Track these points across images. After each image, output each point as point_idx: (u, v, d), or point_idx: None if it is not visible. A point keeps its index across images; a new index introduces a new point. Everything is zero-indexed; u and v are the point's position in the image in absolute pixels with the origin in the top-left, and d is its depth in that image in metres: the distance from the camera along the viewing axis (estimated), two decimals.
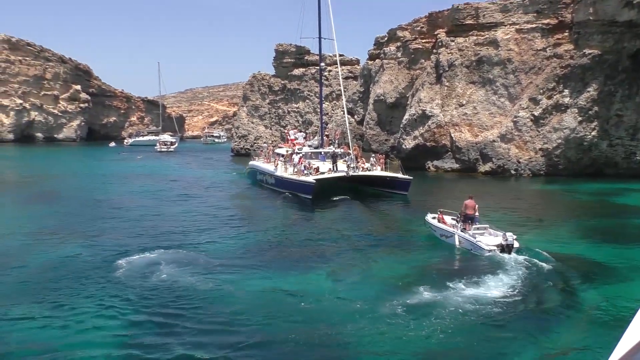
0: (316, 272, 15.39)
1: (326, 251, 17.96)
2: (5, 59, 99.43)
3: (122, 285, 13.66)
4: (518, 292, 13.33)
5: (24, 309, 12.07)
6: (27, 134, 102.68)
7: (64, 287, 13.56)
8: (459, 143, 44.66)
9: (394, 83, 51.47)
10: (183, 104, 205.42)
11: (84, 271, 14.96)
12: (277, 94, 66.20)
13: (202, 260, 16.38)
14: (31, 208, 26.62)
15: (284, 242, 19.46)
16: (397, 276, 15.09)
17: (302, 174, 30.99)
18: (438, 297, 12.85)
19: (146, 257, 16.39)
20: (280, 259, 16.85)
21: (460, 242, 18.33)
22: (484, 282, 14.16)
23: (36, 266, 15.59)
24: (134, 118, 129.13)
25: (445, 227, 19.12)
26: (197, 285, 13.76)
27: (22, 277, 14.51)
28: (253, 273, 15.15)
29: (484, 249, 17.51)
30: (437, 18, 49.29)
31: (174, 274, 14.66)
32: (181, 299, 12.77)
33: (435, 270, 15.88)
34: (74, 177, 42.62)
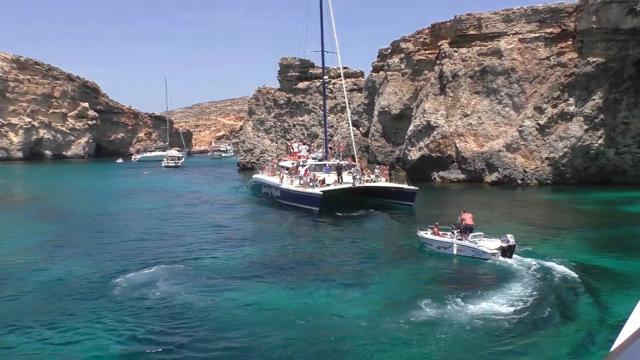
0: (318, 287, 15.22)
1: (328, 266, 17.82)
2: (14, 78, 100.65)
3: (121, 303, 13.59)
4: (523, 305, 13.09)
5: (24, 328, 12.03)
6: (36, 151, 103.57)
7: (65, 306, 13.52)
8: (464, 153, 44.45)
9: (398, 94, 51.48)
10: (190, 119, 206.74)
11: (85, 289, 14.92)
12: (282, 107, 66.41)
13: (204, 276, 16.29)
14: (36, 225, 26.69)
15: (288, 256, 19.33)
16: (401, 291, 14.93)
17: (308, 186, 31.04)
18: (442, 312, 12.65)
19: (147, 273, 16.34)
20: (282, 274, 16.70)
21: (460, 250, 18.61)
22: (489, 295, 13.94)
23: (38, 283, 15.59)
24: (142, 134, 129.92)
25: (442, 238, 19.45)
26: (196, 301, 13.66)
27: (23, 295, 14.48)
28: (254, 289, 15.02)
29: (487, 253, 17.83)
30: (440, 29, 49.37)
31: (174, 290, 14.57)
32: (180, 316, 12.67)
33: (440, 283, 15.70)
34: (80, 194, 42.83)
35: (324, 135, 40.56)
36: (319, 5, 38.40)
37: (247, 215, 30.76)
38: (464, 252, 18.54)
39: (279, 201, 33.68)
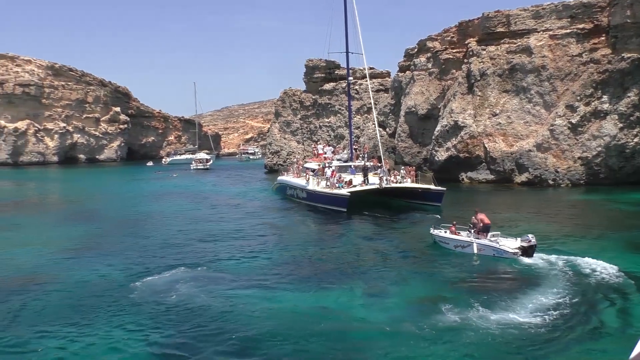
0: (340, 290, 14.99)
1: (352, 268, 17.59)
2: (49, 84, 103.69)
3: (142, 305, 13.66)
4: (550, 311, 12.62)
5: (47, 328, 12.21)
6: (70, 155, 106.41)
7: (86, 307, 13.66)
8: (493, 153, 43.56)
9: (425, 94, 50.85)
10: (219, 122, 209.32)
11: (108, 290, 15.07)
12: (308, 109, 66.46)
13: (227, 278, 16.29)
14: (66, 228, 27.27)
15: (311, 259, 19.16)
16: (423, 295, 14.59)
17: (335, 187, 30.99)
18: (465, 318, 12.24)
19: (170, 276, 16.44)
20: (305, 277, 16.55)
21: (480, 249, 18.45)
22: (513, 300, 13.47)
23: (63, 284, 15.83)
24: (172, 137, 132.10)
25: (460, 237, 19.35)
26: (216, 304, 13.63)
27: (49, 296, 14.72)
28: (275, 292, 14.90)
29: (509, 252, 17.60)
30: (467, 27, 48.58)
31: (195, 293, 14.59)
32: (199, 318, 12.67)
33: (463, 286, 15.27)
34: (110, 196, 43.68)
35: (349, 137, 40.26)
36: (344, 6, 38.21)
37: (273, 217, 30.74)
38: (484, 251, 18.34)
39: (305, 202, 33.69)
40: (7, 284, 16.09)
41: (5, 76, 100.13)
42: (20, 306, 13.95)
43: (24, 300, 14.38)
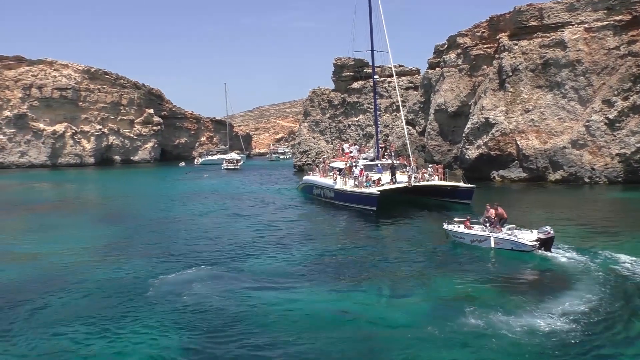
0: (363, 291, 14.68)
1: (376, 268, 17.31)
2: (85, 88, 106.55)
3: (165, 304, 13.73)
4: (579, 311, 12.05)
5: (65, 326, 12.37)
6: (106, 157, 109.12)
7: (108, 306, 13.80)
8: (526, 151, 42.35)
9: (455, 91, 49.89)
10: (250, 122, 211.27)
11: (132, 289, 15.19)
12: (337, 108, 66.18)
13: (251, 277, 16.24)
14: (96, 227, 27.82)
15: (336, 259, 18.89)
16: (449, 294, 14.14)
17: (363, 186, 30.72)
18: (490, 320, 11.79)
19: (193, 275, 16.53)
20: (329, 276, 16.30)
21: (498, 243, 18.45)
22: (538, 302, 12.92)
23: (88, 283, 16.04)
24: (204, 138, 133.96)
25: (477, 232, 19.40)
26: (238, 304, 13.59)
27: (72, 295, 14.93)
28: (299, 292, 14.73)
29: (527, 245, 17.51)
30: (498, 22, 47.40)
31: (218, 292, 14.63)
32: (220, 318, 12.64)
33: (491, 286, 14.79)
34: (141, 197, 44.45)
35: (375, 135, 39.82)
36: (368, 4, 37.77)
37: (300, 217, 30.63)
38: (502, 244, 18.28)
39: (333, 202, 33.54)
40: (33, 282, 16.43)
41: (44, 80, 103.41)
42: (43, 304, 14.19)
43: (47, 298, 14.63)
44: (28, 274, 17.72)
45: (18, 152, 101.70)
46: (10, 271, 18.26)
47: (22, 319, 13.12)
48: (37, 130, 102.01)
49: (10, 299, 14.77)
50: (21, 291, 15.56)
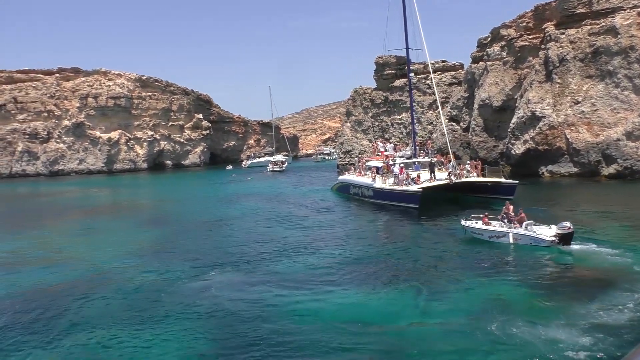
0: (398, 294, 14.44)
1: (411, 267, 17.09)
2: (137, 96, 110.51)
3: (196, 306, 13.98)
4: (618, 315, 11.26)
5: (109, 330, 12.79)
6: (158, 162, 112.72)
7: (145, 308, 14.20)
8: (576, 144, 40.36)
9: (500, 85, 48.23)
10: (298, 124, 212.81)
11: (164, 291, 15.56)
12: (379, 106, 65.48)
13: (284, 279, 16.34)
14: (141, 230, 28.72)
15: (373, 258, 18.78)
16: (495, 297, 13.59)
17: (404, 184, 30.39)
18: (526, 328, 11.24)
19: (227, 277, 16.95)
20: (366, 276, 16.19)
21: (516, 238, 18.72)
22: (574, 313, 12.18)
23: (123, 285, 16.56)
24: (251, 141, 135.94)
25: (495, 228, 19.65)
26: (273, 305, 13.74)
27: (106, 296, 15.41)
28: (331, 293, 14.63)
29: (546, 240, 17.75)
30: (544, 11, 45.46)
31: (252, 293, 14.88)
32: (252, 320, 12.78)
33: (523, 291, 14.10)
34: (185, 200, 45.57)
35: (412, 133, 39.08)
36: (402, 0, 37.05)
37: (340, 217, 30.45)
38: (521, 240, 18.51)
39: (372, 201, 33.35)
40: (74, 283, 17.08)
41: (99, 90, 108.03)
42: (80, 304, 14.76)
43: (85, 299, 15.22)
44: (69, 275, 18.49)
45: (77, 160, 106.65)
46: (52, 272, 19.13)
47: (59, 319, 13.70)
48: (93, 138, 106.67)
49: (50, 299, 15.44)
50: (61, 291, 16.28)
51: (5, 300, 15.91)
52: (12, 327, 13.37)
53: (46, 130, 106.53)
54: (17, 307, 15.05)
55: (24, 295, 16.30)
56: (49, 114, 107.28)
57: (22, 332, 12.92)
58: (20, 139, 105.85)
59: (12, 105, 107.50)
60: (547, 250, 17.85)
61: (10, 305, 15.22)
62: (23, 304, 15.30)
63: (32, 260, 22.24)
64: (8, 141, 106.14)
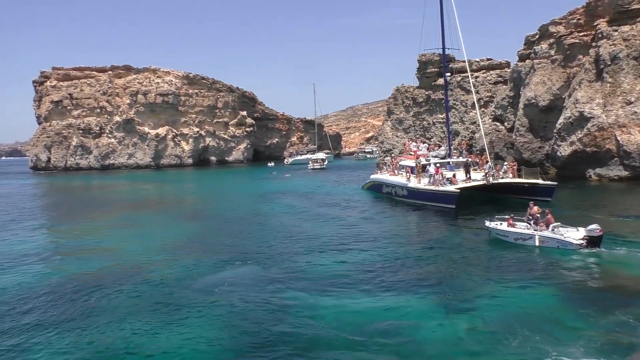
0: (424, 298, 14.05)
1: (445, 272, 16.53)
2: (185, 93, 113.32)
3: (221, 303, 14.15)
4: None
5: (129, 320, 13.13)
6: (203, 158, 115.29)
7: (168, 302, 14.46)
8: (627, 147, 38.40)
9: (547, 84, 46.50)
10: (342, 122, 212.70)
11: (188, 287, 15.82)
12: (421, 105, 64.48)
13: (305, 278, 16.28)
14: (177, 225, 29.37)
15: (405, 261, 18.27)
16: (518, 305, 13.07)
17: (439, 184, 29.99)
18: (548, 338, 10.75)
19: (252, 275, 17.04)
20: (397, 281, 15.74)
21: (543, 241, 18.35)
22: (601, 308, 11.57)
23: (155, 278, 16.96)
24: (294, 138, 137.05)
25: (521, 230, 19.25)
26: (293, 305, 13.68)
27: (140, 288, 15.83)
28: (354, 297, 14.36)
29: (574, 243, 17.39)
30: (596, 7, 43.48)
31: (275, 292, 14.88)
32: (272, 320, 12.76)
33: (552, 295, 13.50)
34: (223, 196, 46.35)
35: (447, 132, 38.28)
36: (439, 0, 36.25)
37: (373, 216, 30.07)
38: (548, 243, 18.16)
39: (406, 200, 32.96)
40: (103, 275, 17.65)
41: (149, 87, 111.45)
42: (106, 296, 15.20)
43: (109, 290, 15.68)
44: (100, 266, 19.10)
45: (126, 154, 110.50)
46: (85, 262, 19.86)
47: (81, 308, 14.20)
48: (142, 134, 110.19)
49: (77, 288, 16.03)
50: (89, 281, 16.85)
51: (33, 287, 16.60)
52: (34, 314, 13.95)
53: (99, 125, 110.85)
54: (43, 295, 15.68)
55: (51, 284, 16.97)
56: (102, 110, 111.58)
57: (44, 320, 13.45)
58: (75, 133, 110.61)
59: (68, 102, 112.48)
60: (575, 253, 17.30)
61: (36, 293, 15.89)
62: (49, 293, 15.93)
63: (69, 250, 23.15)
64: (64, 136, 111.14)
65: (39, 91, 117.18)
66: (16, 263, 20.64)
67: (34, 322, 13.38)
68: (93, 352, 11.37)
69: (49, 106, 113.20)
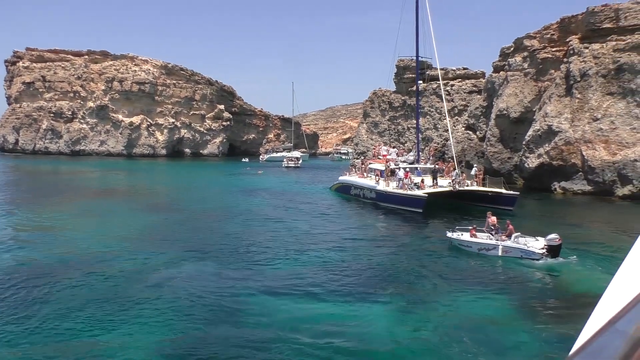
0: (379, 304, 13.94)
1: (404, 278, 16.49)
2: (162, 83, 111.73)
3: (177, 299, 13.89)
4: None
5: (80, 311, 12.79)
6: (177, 149, 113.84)
7: (121, 295, 14.14)
8: (591, 162, 39.33)
9: (519, 96, 47.33)
10: (320, 122, 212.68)
11: (148, 281, 15.53)
12: (397, 110, 64.97)
13: (263, 277, 16.13)
14: (140, 216, 28.93)
15: (373, 264, 18.23)
16: (475, 314, 13.17)
17: (407, 188, 30.35)
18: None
19: (211, 270, 16.79)
20: (354, 285, 15.56)
21: (506, 251, 18.62)
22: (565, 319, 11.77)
23: (108, 270, 16.58)
24: (271, 135, 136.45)
25: (484, 240, 19.49)
26: (246, 305, 13.47)
27: (85, 282, 15.46)
28: (310, 299, 14.26)
29: (537, 253, 17.66)
30: (569, 23, 44.43)
31: (236, 291, 14.66)
32: (224, 318, 12.59)
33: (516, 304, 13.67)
34: (192, 189, 45.97)
35: (417, 139, 38.73)
36: (415, 8, 36.60)
37: (339, 218, 30.18)
38: (511, 253, 18.38)
39: (373, 203, 33.36)
40: (56, 264, 17.23)
41: (125, 74, 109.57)
42: (56, 286, 14.83)
43: (62, 281, 15.28)
44: (53, 254, 18.64)
45: (98, 141, 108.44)
46: (37, 251, 19.35)
47: (27, 298, 13.77)
48: (116, 121, 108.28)
49: (25, 278, 15.56)
50: (42, 271, 16.38)
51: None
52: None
53: (71, 110, 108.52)
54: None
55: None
56: (75, 95, 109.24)
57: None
58: (46, 117, 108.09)
59: (40, 84, 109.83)
60: (535, 263, 17.68)
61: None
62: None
63: (23, 236, 22.58)
64: (34, 118, 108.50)
65: (11, 71, 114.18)
66: None
67: None
68: (28, 343, 11.04)
69: (20, 87, 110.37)
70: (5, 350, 10.66)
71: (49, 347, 10.82)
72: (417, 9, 36.63)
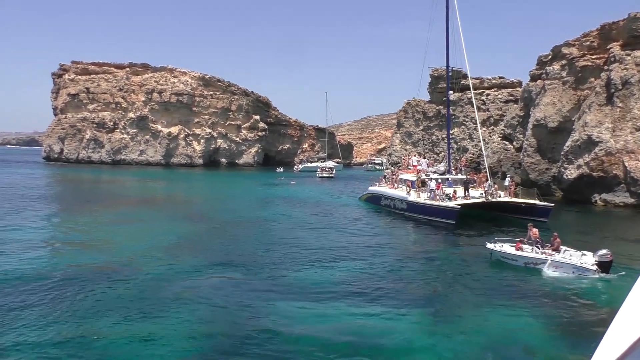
0: (415, 316, 13.72)
1: (441, 291, 16.29)
2: (199, 94, 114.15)
3: (200, 306, 14.08)
4: None
5: (109, 321, 13.00)
6: (213, 159, 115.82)
7: (147, 302, 14.42)
8: (635, 173, 37.89)
9: (557, 105, 46.13)
10: (355, 132, 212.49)
11: (176, 287, 15.80)
12: (431, 120, 64.33)
13: (290, 288, 16.15)
14: (174, 225, 29.47)
15: (406, 275, 18.02)
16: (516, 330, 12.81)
17: (439, 199, 30.05)
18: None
19: (238, 280, 16.89)
20: (386, 296, 15.40)
21: (557, 266, 17.72)
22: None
23: (139, 277, 16.95)
24: (306, 145, 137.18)
25: (531, 254, 18.68)
26: (273, 314, 13.53)
27: (121, 287, 15.86)
28: (338, 309, 14.14)
29: (590, 270, 16.85)
30: (610, 30, 43.15)
31: (251, 298, 14.76)
32: (250, 326, 12.65)
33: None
34: (226, 199, 46.56)
35: (447, 149, 38.17)
36: (445, 18, 36.22)
37: (371, 228, 30.04)
38: (562, 268, 17.47)
39: (405, 214, 33.04)
40: (86, 269, 17.73)
41: (164, 86, 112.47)
42: (82, 291, 15.24)
43: (91, 286, 15.70)
44: (88, 260, 19.19)
45: (138, 151, 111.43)
46: (75, 256, 19.97)
47: (58, 303, 14.21)
48: (155, 132, 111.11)
49: (58, 283, 16.08)
50: (72, 275, 16.91)
51: (14, 280, 16.62)
52: (12, 305, 13.98)
53: (113, 120, 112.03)
54: (24, 287, 15.70)
55: (36, 275, 17.04)
56: (117, 106, 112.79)
57: (22, 312, 13.50)
58: (89, 127, 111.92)
59: (84, 95, 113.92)
60: (585, 279, 16.76)
61: (17, 285, 15.92)
62: (33, 285, 15.97)
63: (62, 241, 23.39)
64: (78, 128, 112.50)
65: (57, 83, 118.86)
66: (3, 250, 20.82)
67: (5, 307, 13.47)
68: (56, 343, 11.39)
69: (65, 99, 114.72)
70: (30, 350, 11.02)
71: (72, 348, 11.13)
72: (447, 18, 36.34)
